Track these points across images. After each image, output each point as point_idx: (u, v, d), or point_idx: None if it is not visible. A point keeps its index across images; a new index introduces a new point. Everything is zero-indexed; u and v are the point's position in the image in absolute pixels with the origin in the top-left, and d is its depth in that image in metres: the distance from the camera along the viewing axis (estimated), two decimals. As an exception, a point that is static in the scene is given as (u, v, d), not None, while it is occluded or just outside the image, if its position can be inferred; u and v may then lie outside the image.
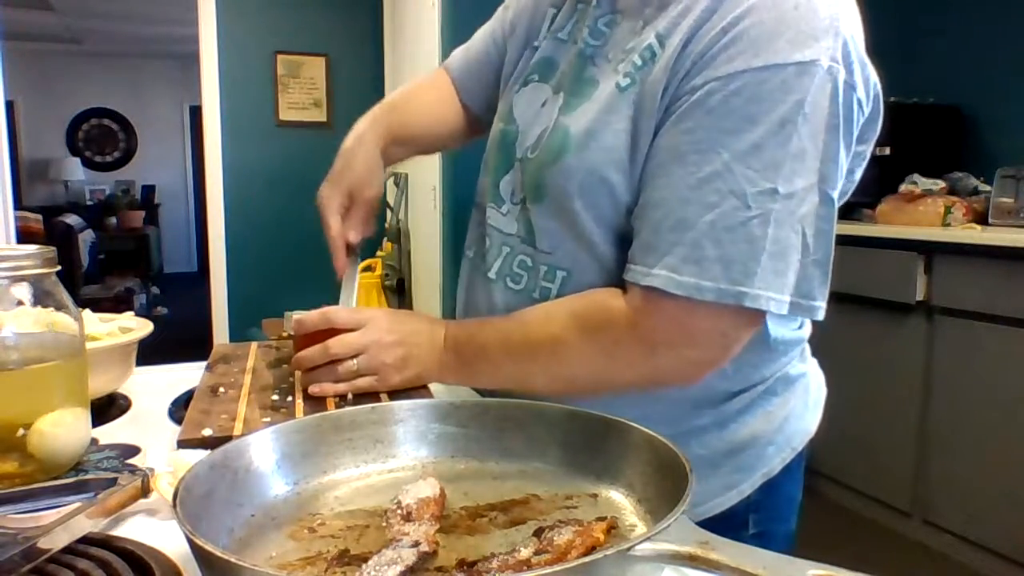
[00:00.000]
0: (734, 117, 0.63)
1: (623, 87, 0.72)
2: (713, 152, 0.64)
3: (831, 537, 2.66)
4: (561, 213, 0.76)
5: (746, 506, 0.82)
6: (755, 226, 0.63)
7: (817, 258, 0.66)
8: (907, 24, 3.21)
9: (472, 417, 0.65)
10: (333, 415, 0.63)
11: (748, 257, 0.63)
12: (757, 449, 0.81)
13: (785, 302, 0.64)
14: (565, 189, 0.74)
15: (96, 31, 7.21)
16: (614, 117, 0.71)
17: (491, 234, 0.85)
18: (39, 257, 0.63)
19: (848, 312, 2.81)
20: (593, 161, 0.72)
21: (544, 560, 0.45)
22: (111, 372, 0.87)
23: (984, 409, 2.36)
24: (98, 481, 0.58)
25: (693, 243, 0.64)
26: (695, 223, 0.64)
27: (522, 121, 0.82)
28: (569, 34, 0.82)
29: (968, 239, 2.39)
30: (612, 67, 0.74)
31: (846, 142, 0.66)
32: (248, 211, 3.88)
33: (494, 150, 0.86)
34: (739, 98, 0.63)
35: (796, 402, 0.84)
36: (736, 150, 0.63)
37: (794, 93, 0.62)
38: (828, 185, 0.65)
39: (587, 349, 0.72)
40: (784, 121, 0.62)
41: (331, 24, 4.02)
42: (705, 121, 0.64)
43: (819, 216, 0.65)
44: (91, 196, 8.42)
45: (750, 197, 0.63)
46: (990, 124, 2.93)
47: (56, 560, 0.49)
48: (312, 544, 0.50)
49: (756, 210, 0.63)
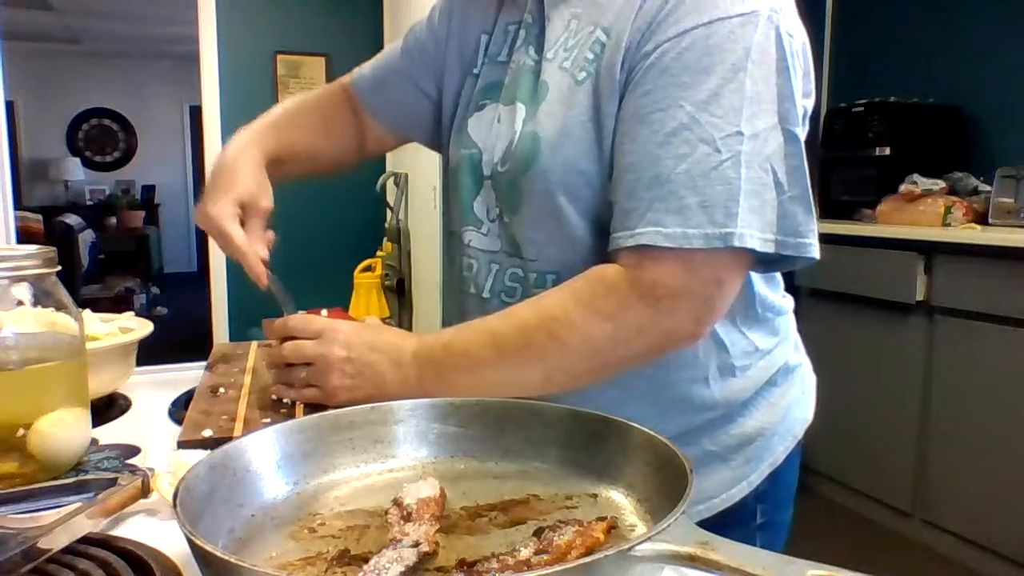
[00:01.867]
0: (688, 71, 0.66)
1: (580, 80, 0.74)
2: (675, 107, 0.66)
3: (831, 537, 2.66)
4: (543, 217, 0.77)
5: (755, 497, 0.84)
6: (728, 168, 0.65)
7: (794, 194, 0.67)
8: (907, 24, 3.21)
9: (472, 417, 0.65)
10: (333, 415, 0.63)
11: (727, 199, 0.65)
12: (764, 440, 0.83)
13: (770, 240, 0.66)
14: (546, 189, 0.75)
15: (96, 31, 7.21)
16: (575, 111, 0.73)
17: (476, 256, 0.85)
18: (39, 257, 0.63)
19: (848, 312, 2.81)
20: (567, 156, 0.74)
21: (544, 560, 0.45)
22: (111, 372, 0.87)
23: (984, 409, 2.36)
24: (98, 481, 0.58)
25: (672, 195, 0.65)
26: (670, 176, 0.66)
27: (481, 143, 0.84)
28: (508, 55, 0.84)
29: (968, 239, 2.39)
30: (557, 65, 0.76)
31: (798, 85, 0.69)
32: (248, 211, 3.88)
33: (461, 176, 0.86)
34: (690, 53, 0.66)
35: (795, 391, 0.87)
36: (696, 100, 0.65)
37: (741, 41, 0.66)
38: (789, 123, 0.67)
39: (590, 322, 0.69)
40: (736, 68, 0.65)
41: (331, 24, 4.02)
42: (662, 80, 0.67)
43: (787, 154, 0.67)
44: (91, 196, 8.43)
45: (719, 142, 0.65)
46: (990, 124, 2.93)
47: (56, 560, 0.48)
48: (312, 544, 0.50)
49: (727, 153, 0.65)
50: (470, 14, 0.90)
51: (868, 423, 2.76)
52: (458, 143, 0.88)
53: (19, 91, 7.70)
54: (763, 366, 0.83)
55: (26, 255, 0.63)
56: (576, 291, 0.70)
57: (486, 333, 0.73)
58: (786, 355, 0.87)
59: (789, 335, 0.88)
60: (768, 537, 0.86)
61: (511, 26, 0.84)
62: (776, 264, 0.74)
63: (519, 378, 0.72)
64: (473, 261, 0.85)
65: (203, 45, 3.83)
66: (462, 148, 0.86)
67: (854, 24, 3.48)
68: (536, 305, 0.72)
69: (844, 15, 3.52)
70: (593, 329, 0.69)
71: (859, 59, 3.45)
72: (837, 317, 2.87)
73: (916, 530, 2.60)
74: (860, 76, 3.42)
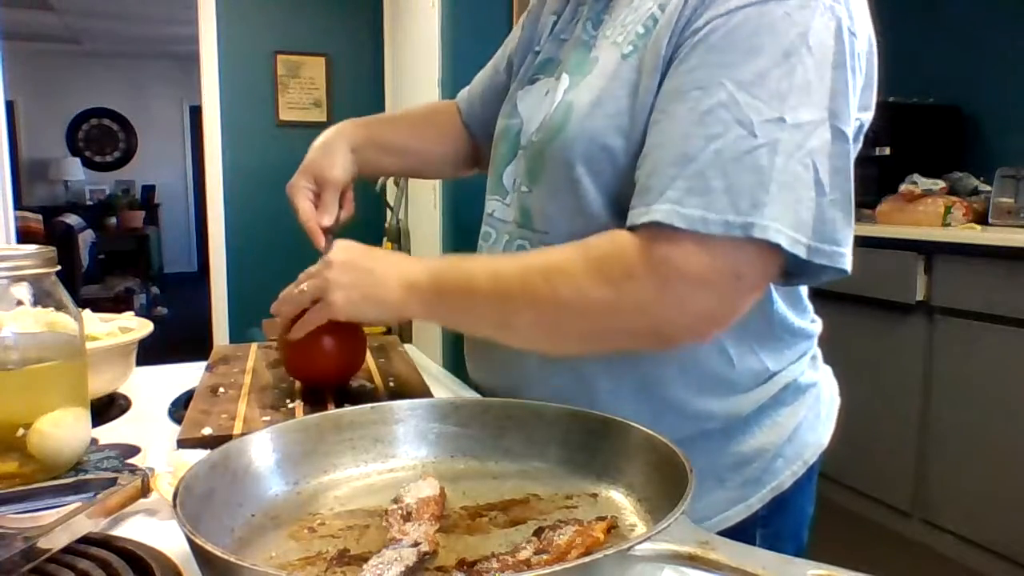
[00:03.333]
0: (736, 50, 0.61)
1: (626, 54, 0.71)
2: (716, 85, 0.61)
3: (831, 537, 2.66)
4: (561, 188, 0.74)
5: (754, 521, 0.78)
6: (762, 155, 0.60)
7: (835, 198, 0.62)
8: (907, 24, 3.21)
9: (472, 417, 0.65)
10: (333, 415, 0.64)
11: (756, 187, 0.59)
12: (764, 462, 0.78)
13: (802, 242, 0.60)
14: (568, 159, 0.72)
15: (96, 31, 7.21)
16: (616, 83, 0.70)
17: (494, 225, 0.85)
18: (39, 257, 0.63)
19: (848, 312, 2.81)
20: (595, 128, 0.71)
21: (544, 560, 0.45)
22: (111, 372, 0.87)
23: (984, 409, 2.35)
24: (98, 481, 0.58)
25: (697, 175, 0.60)
26: (698, 155, 0.61)
27: (526, 114, 0.83)
28: (570, 34, 0.83)
29: (968, 239, 2.38)
30: (611, 42, 0.74)
31: (854, 84, 0.64)
32: (248, 211, 3.88)
33: (499, 145, 0.87)
34: (741, 31, 0.62)
35: (807, 413, 0.81)
36: (739, 80, 0.61)
37: (797, 25, 0.61)
38: (840, 121, 0.62)
39: (591, 281, 0.64)
40: (788, 52, 0.61)
41: (331, 24, 4.01)
42: (708, 58, 0.63)
43: (833, 153, 0.62)
44: (91, 196, 8.42)
45: (756, 126, 0.60)
46: (990, 124, 2.93)
47: (56, 560, 0.49)
48: (312, 544, 0.50)
49: (762, 139, 0.60)
50: (548, 2, 0.90)
51: (868, 423, 2.76)
52: (505, 113, 0.88)
53: (19, 91, 7.69)
54: (770, 386, 0.78)
55: (26, 255, 0.63)
56: (587, 248, 0.66)
57: (490, 264, 0.73)
58: (799, 372, 0.80)
59: (806, 358, 0.82)
60: None
61: (581, 6, 0.82)
62: (802, 276, 0.67)
63: (505, 317, 0.69)
64: (492, 231, 0.85)
65: (203, 45, 3.83)
66: (505, 118, 0.87)
67: (854, 24, 3.48)
68: (544, 253, 0.71)
69: (844, 15, 3.52)
70: (592, 289, 0.64)
71: (859, 59, 3.44)
72: (837, 317, 2.85)
73: (916, 530, 2.60)
74: (860, 76, 3.42)
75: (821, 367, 0.86)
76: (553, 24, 0.87)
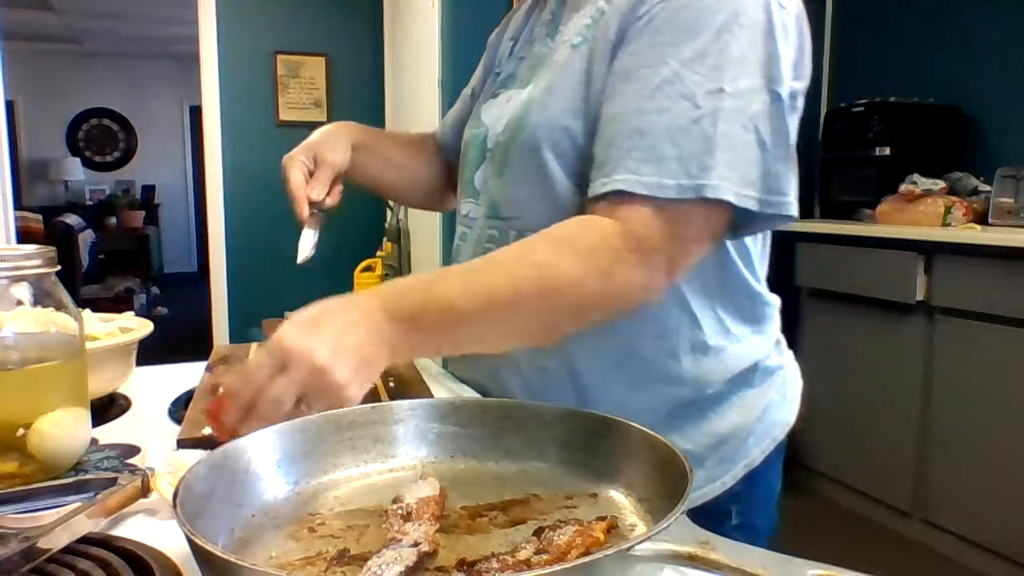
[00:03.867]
0: (676, 31, 0.69)
1: (576, 44, 0.78)
2: (661, 64, 0.69)
3: (831, 537, 2.66)
4: (528, 174, 0.79)
5: (728, 497, 0.83)
6: (707, 124, 0.67)
7: (778, 154, 0.69)
8: (907, 24, 3.21)
9: (472, 417, 0.65)
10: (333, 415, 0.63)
11: (703, 152, 0.66)
12: (738, 440, 0.84)
13: (750, 196, 0.67)
14: (533, 145, 0.78)
15: (96, 31, 7.21)
16: (568, 72, 0.77)
17: (469, 224, 0.89)
18: (39, 257, 0.63)
19: (848, 312, 2.81)
20: (553, 112, 0.77)
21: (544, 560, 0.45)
22: (111, 372, 0.87)
23: (984, 409, 2.35)
24: (98, 481, 0.59)
25: (650, 147, 0.67)
26: (650, 129, 0.68)
27: (490, 121, 0.88)
28: (527, 52, 0.90)
29: (968, 239, 2.38)
30: (562, 39, 0.81)
31: (787, 52, 0.71)
32: (248, 211, 3.88)
33: (467, 153, 0.92)
34: (680, 14, 0.69)
35: (774, 394, 0.87)
36: (682, 58, 0.68)
37: (729, 4, 0.68)
38: (776, 84, 0.69)
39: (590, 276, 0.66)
40: (721, 30, 0.68)
41: (331, 24, 4.01)
42: (651, 40, 0.70)
43: (771, 114, 0.69)
44: (91, 196, 8.42)
45: (699, 97, 0.67)
46: (990, 124, 2.93)
47: (56, 560, 0.49)
48: (312, 544, 0.50)
49: (706, 108, 0.67)
50: (509, 28, 0.98)
51: (868, 423, 2.76)
52: (470, 127, 0.93)
53: (19, 91, 7.70)
54: (737, 352, 0.82)
55: (26, 255, 0.63)
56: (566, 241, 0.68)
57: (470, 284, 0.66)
58: (764, 351, 0.85)
59: (769, 332, 0.87)
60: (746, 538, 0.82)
61: (537, 27, 0.90)
62: (751, 226, 0.74)
63: (502, 332, 0.68)
64: (466, 230, 0.90)
65: (203, 45, 3.83)
66: (471, 128, 0.93)
67: (854, 24, 3.48)
68: (524, 253, 0.69)
69: (844, 15, 3.52)
70: (589, 284, 0.67)
71: (859, 59, 3.44)
72: (837, 317, 2.87)
73: (915, 529, 2.60)
74: (860, 76, 3.42)
75: (785, 351, 0.92)
76: (512, 47, 0.94)
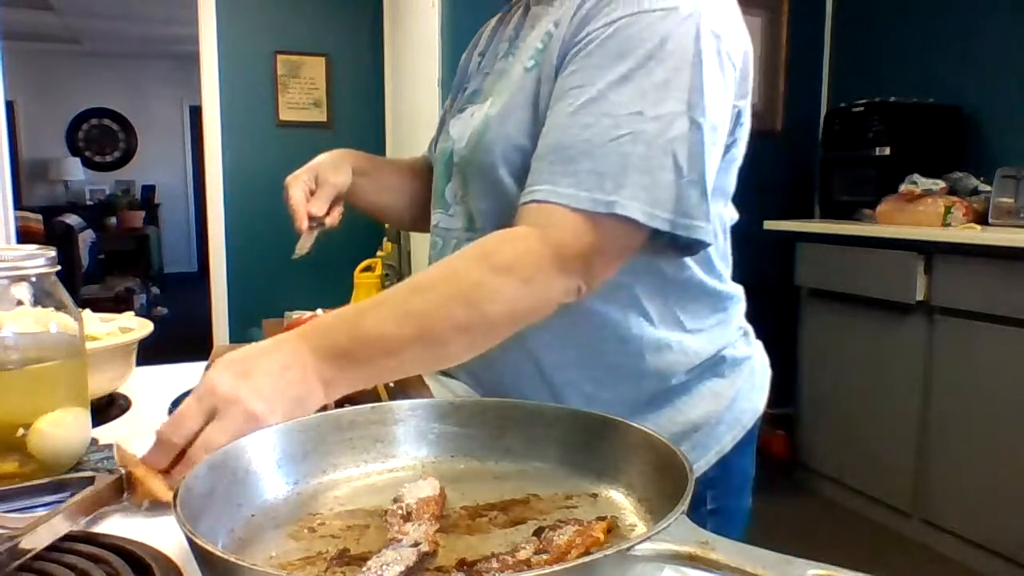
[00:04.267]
0: (608, 56, 0.72)
1: (528, 68, 0.82)
2: (589, 85, 0.72)
3: (831, 537, 2.66)
4: (489, 189, 0.83)
5: (703, 483, 0.86)
6: (626, 143, 0.70)
7: (692, 179, 0.72)
8: (907, 24, 3.21)
9: (472, 417, 0.65)
10: (333, 415, 0.63)
11: (619, 171, 0.69)
12: (708, 428, 0.88)
13: (660, 217, 0.70)
14: (491, 162, 0.81)
15: (96, 31, 7.21)
16: (520, 94, 0.81)
17: (440, 235, 0.92)
18: (39, 257, 0.63)
19: (848, 312, 2.81)
20: (508, 132, 0.80)
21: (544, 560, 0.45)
22: (111, 372, 0.87)
23: (984, 409, 2.36)
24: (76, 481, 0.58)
25: (570, 160, 0.71)
26: (572, 143, 0.71)
27: (456, 135, 0.91)
28: (491, 67, 0.93)
29: (968, 239, 2.38)
30: (518, 59, 0.85)
31: (718, 80, 0.74)
32: (248, 211, 3.88)
33: (437, 166, 0.95)
34: (612, 40, 0.73)
35: (743, 383, 0.90)
36: (608, 81, 0.71)
37: (657, 33, 0.72)
38: (696, 113, 0.72)
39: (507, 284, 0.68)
40: (648, 56, 0.71)
41: (331, 24, 4.01)
42: (584, 63, 0.74)
43: (690, 140, 0.71)
44: (91, 196, 8.42)
45: (621, 118, 0.70)
46: (990, 124, 2.93)
47: (55, 560, 0.49)
48: (312, 544, 0.50)
49: (626, 129, 0.70)
50: (479, 43, 1.01)
51: (868, 423, 2.76)
52: (441, 140, 0.96)
53: (19, 91, 7.70)
54: (698, 345, 0.86)
55: (26, 255, 0.63)
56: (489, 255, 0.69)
57: (399, 311, 0.66)
58: (727, 342, 0.89)
59: (732, 324, 0.91)
60: (721, 523, 0.89)
61: (501, 44, 0.93)
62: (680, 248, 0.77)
63: (440, 352, 0.69)
64: (438, 239, 0.93)
65: (203, 45, 3.83)
66: (443, 143, 0.95)
67: (854, 24, 3.48)
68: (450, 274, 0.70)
69: (844, 15, 3.52)
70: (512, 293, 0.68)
71: (859, 59, 3.44)
72: (837, 317, 2.87)
73: (916, 530, 2.60)
74: (860, 76, 3.42)
75: (754, 342, 0.96)
76: (479, 63, 0.97)
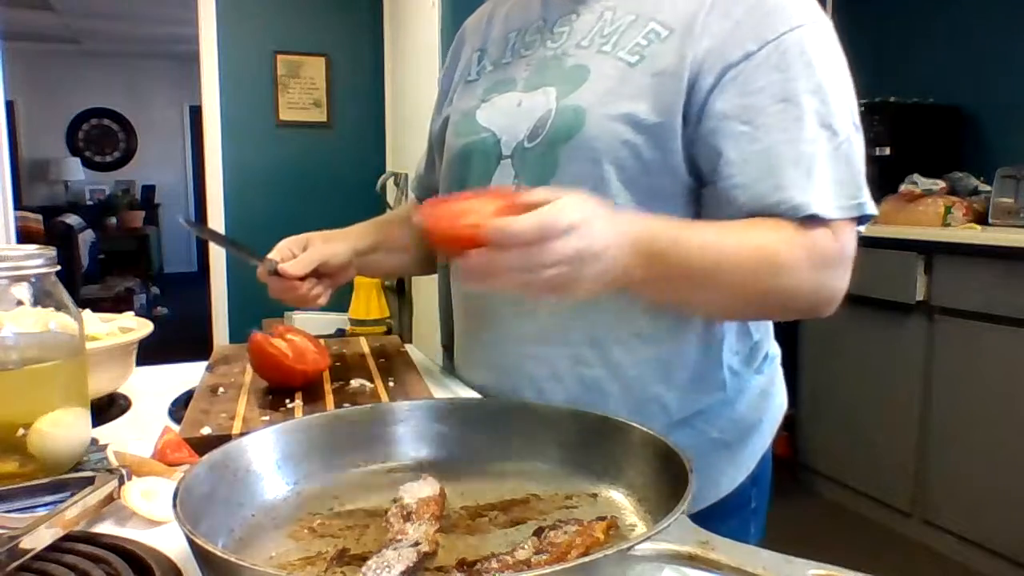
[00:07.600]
0: (796, 68, 0.75)
1: (632, 63, 0.79)
2: (794, 98, 0.74)
3: (831, 537, 2.66)
4: (582, 185, 0.75)
5: (751, 482, 0.88)
6: (847, 148, 0.74)
7: None
8: (907, 24, 3.21)
9: (472, 417, 0.65)
10: (333, 415, 0.64)
11: (856, 174, 0.75)
12: (759, 425, 0.89)
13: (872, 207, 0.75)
14: (592, 157, 0.78)
15: (96, 31, 7.21)
16: (629, 88, 0.78)
17: None
18: (39, 257, 0.63)
19: (848, 312, 2.81)
20: (614, 128, 0.77)
21: (544, 560, 0.45)
22: (111, 372, 0.87)
23: (984, 409, 2.35)
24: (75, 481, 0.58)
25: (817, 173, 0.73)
26: (811, 157, 0.73)
27: (497, 126, 0.86)
28: (513, 55, 0.90)
29: (968, 239, 2.38)
30: (595, 51, 0.81)
31: None
32: (248, 211, 3.87)
33: (470, 161, 0.88)
34: (791, 53, 0.75)
35: (775, 376, 0.93)
36: (810, 92, 0.74)
37: (825, 41, 0.77)
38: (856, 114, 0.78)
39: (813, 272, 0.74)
40: (832, 62, 0.77)
41: (331, 24, 4.01)
42: (776, 77, 0.75)
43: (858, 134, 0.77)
44: (91, 196, 8.42)
45: (835, 126, 0.74)
46: (990, 124, 2.93)
47: (56, 560, 0.49)
48: (312, 544, 0.50)
49: (843, 135, 0.74)
50: (464, 47, 1.01)
51: (868, 423, 2.76)
52: (463, 133, 0.90)
53: (19, 91, 7.69)
54: (757, 351, 0.88)
55: (26, 255, 0.63)
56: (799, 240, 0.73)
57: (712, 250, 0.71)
58: (770, 341, 0.92)
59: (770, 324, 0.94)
60: (759, 522, 0.90)
61: (511, 34, 0.91)
62: None
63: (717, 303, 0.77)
64: None
65: (203, 45, 3.83)
66: (471, 136, 0.88)
67: (854, 24, 3.47)
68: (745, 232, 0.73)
69: (844, 15, 3.52)
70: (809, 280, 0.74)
71: (859, 59, 3.44)
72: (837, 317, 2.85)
73: (916, 530, 2.60)
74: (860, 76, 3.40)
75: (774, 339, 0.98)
76: (479, 59, 0.96)
